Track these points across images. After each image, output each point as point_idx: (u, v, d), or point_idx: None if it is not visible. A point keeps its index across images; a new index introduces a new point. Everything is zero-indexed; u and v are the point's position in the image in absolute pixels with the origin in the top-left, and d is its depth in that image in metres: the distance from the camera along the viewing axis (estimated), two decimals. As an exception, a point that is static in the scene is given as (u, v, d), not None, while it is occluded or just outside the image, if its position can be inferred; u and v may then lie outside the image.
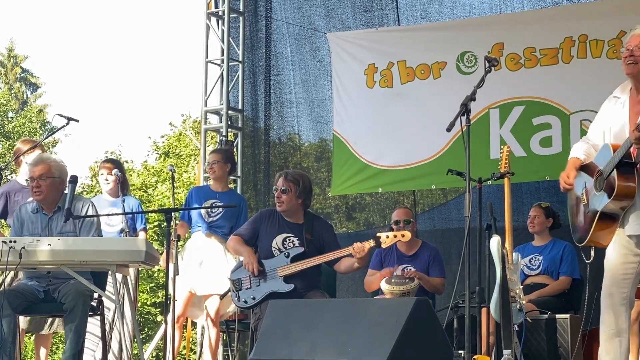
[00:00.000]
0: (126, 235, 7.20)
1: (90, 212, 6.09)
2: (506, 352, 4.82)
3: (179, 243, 7.07)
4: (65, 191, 6.12)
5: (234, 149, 9.78)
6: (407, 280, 6.83)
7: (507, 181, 6.04)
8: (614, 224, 4.99)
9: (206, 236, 7.48)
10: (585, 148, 5.26)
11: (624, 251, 5.02)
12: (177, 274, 6.51)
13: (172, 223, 6.37)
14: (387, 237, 6.21)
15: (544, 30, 8.60)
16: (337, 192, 9.49)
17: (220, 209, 7.46)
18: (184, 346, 10.71)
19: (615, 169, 4.88)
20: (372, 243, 6.17)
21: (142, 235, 7.50)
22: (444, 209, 9.48)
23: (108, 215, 7.22)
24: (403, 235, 6.25)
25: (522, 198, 8.70)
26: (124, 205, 7.26)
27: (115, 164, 7.75)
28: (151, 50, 50.91)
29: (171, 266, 6.31)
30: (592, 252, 5.14)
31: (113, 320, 7.08)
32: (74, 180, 6.11)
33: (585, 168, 5.15)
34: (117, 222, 7.38)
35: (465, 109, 5.19)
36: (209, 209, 7.44)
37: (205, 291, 7.39)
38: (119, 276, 6.40)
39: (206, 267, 7.41)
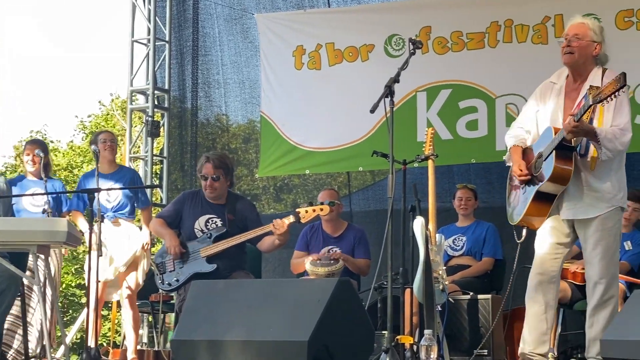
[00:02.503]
0: (48, 217, 7.09)
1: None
2: (427, 332, 4.86)
3: None
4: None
5: (160, 130, 9.70)
6: (331, 262, 6.87)
7: (431, 163, 6.08)
8: (547, 206, 5.11)
9: (113, 223, 7.34)
10: (519, 133, 5.35)
11: (557, 232, 5.19)
12: (101, 255, 6.45)
13: (95, 203, 6.30)
14: (306, 211, 6.29)
15: (471, 14, 8.66)
16: (264, 174, 9.47)
17: (118, 191, 7.32)
18: (109, 328, 10.61)
19: (554, 151, 4.98)
20: (291, 219, 6.24)
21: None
22: (378, 189, 9.52)
23: (32, 195, 7.12)
24: (322, 209, 6.33)
25: (453, 180, 8.78)
26: (46, 187, 7.15)
27: (38, 144, 7.61)
28: (79, 27, 50.09)
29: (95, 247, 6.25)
30: (524, 232, 5.27)
31: (37, 302, 6.98)
32: None
33: (524, 152, 5.23)
34: (42, 203, 7.27)
35: (389, 91, 5.20)
36: (108, 195, 7.26)
37: (111, 274, 7.26)
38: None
39: (116, 251, 7.28)
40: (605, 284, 5.12)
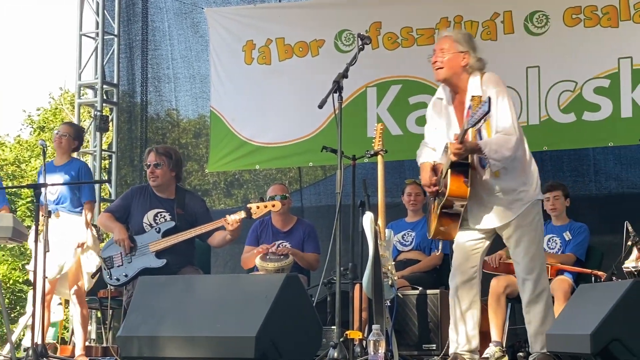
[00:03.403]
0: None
1: None
2: (375, 327, 4.87)
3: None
4: None
5: (109, 124, 9.63)
6: (281, 257, 6.86)
7: (381, 159, 6.09)
8: (456, 220, 5.20)
9: (55, 216, 7.23)
10: (425, 151, 5.41)
11: (470, 233, 5.27)
12: (48, 251, 6.38)
13: (42, 198, 6.22)
14: (258, 207, 6.27)
15: (420, 10, 8.69)
16: (214, 169, 9.43)
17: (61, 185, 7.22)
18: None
19: (449, 169, 5.04)
20: (242, 214, 6.22)
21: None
22: (329, 184, 9.53)
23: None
24: (274, 205, 6.33)
25: (404, 175, 8.80)
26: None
27: None
28: (26, 20, 49.48)
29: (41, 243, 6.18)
30: (440, 245, 5.35)
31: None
32: None
33: (434, 169, 5.30)
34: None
35: (337, 86, 5.20)
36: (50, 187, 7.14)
37: (54, 273, 7.16)
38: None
39: (57, 247, 7.17)
40: (534, 279, 5.19)
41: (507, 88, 5.24)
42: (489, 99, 4.81)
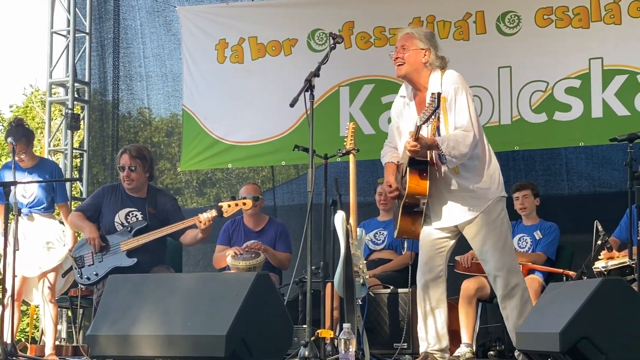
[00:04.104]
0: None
1: None
2: (346, 325, 4.87)
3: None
4: None
5: (80, 123, 9.57)
6: (252, 256, 6.86)
7: (352, 158, 6.09)
8: (418, 218, 5.22)
9: (28, 219, 7.16)
10: (388, 151, 5.44)
11: (435, 231, 5.28)
12: (18, 249, 6.34)
13: (12, 197, 6.19)
14: (229, 205, 6.28)
15: (393, 10, 8.69)
16: (186, 168, 9.40)
17: (34, 186, 7.14)
18: (27, 323, 10.44)
19: (407, 167, 5.06)
20: (214, 213, 6.22)
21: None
22: (302, 183, 9.52)
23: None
24: (245, 204, 6.33)
25: (377, 174, 8.81)
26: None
27: None
28: None
29: (10, 241, 6.15)
30: (406, 244, 5.37)
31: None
32: None
33: (398, 168, 5.34)
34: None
35: (308, 85, 5.20)
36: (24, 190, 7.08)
37: (35, 272, 7.11)
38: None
39: (34, 248, 7.11)
40: (504, 275, 5.19)
41: (480, 88, 5.28)
42: (438, 94, 4.87)
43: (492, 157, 5.29)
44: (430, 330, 5.29)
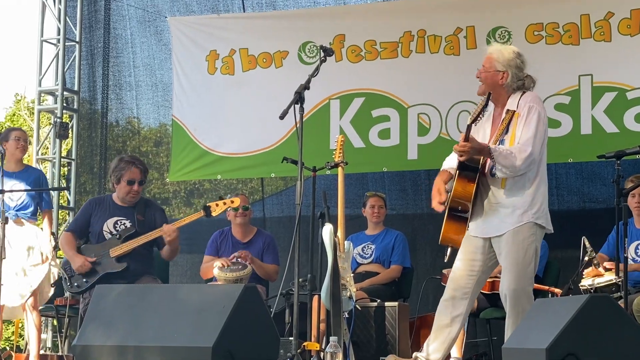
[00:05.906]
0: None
1: None
2: (332, 338, 4.87)
3: None
4: None
5: (69, 132, 9.55)
6: (239, 267, 6.85)
7: (341, 170, 6.10)
8: (462, 225, 5.20)
9: (15, 223, 7.15)
10: (449, 162, 5.44)
11: (473, 250, 5.28)
12: (4, 257, 6.32)
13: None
14: (217, 204, 6.29)
15: (384, 23, 8.71)
16: (175, 178, 9.38)
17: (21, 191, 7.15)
18: (12, 332, 10.38)
19: (457, 172, 5.09)
20: (202, 213, 6.25)
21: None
22: (291, 195, 9.51)
23: None
24: (232, 202, 6.35)
25: (367, 187, 8.82)
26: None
27: None
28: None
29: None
30: (448, 252, 5.36)
31: None
32: None
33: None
34: None
35: (298, 97, 5.20)
36: (10, 193, 7.08)
37: (16, 302, 7.09)
38: None
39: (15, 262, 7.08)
40: (512, 297, 5.16)
41: (470, 103, 5.32)
42: (489, 93, 5.01)
43: (542, 184, 5.24)
44: (432, 341, 5.31)
